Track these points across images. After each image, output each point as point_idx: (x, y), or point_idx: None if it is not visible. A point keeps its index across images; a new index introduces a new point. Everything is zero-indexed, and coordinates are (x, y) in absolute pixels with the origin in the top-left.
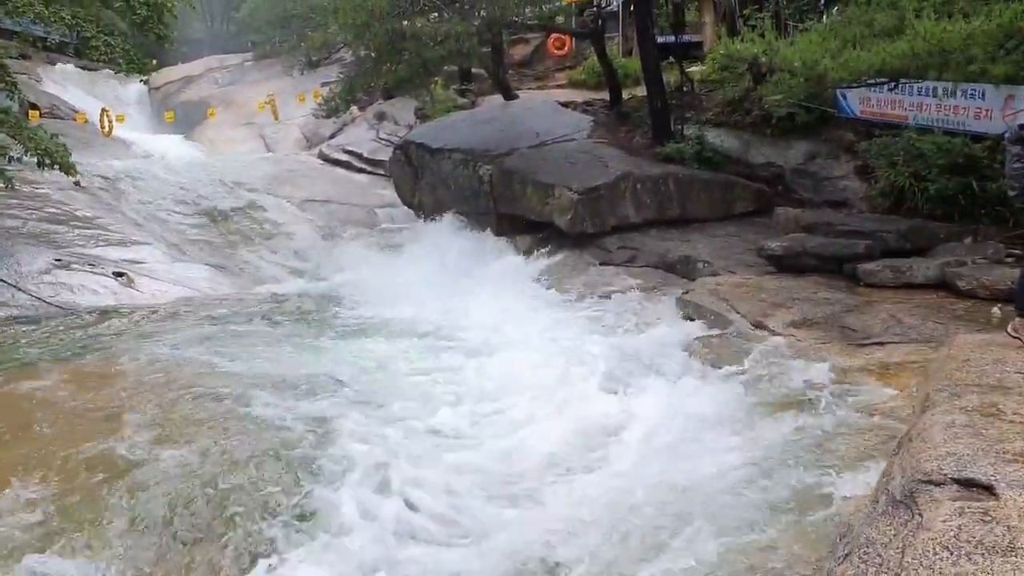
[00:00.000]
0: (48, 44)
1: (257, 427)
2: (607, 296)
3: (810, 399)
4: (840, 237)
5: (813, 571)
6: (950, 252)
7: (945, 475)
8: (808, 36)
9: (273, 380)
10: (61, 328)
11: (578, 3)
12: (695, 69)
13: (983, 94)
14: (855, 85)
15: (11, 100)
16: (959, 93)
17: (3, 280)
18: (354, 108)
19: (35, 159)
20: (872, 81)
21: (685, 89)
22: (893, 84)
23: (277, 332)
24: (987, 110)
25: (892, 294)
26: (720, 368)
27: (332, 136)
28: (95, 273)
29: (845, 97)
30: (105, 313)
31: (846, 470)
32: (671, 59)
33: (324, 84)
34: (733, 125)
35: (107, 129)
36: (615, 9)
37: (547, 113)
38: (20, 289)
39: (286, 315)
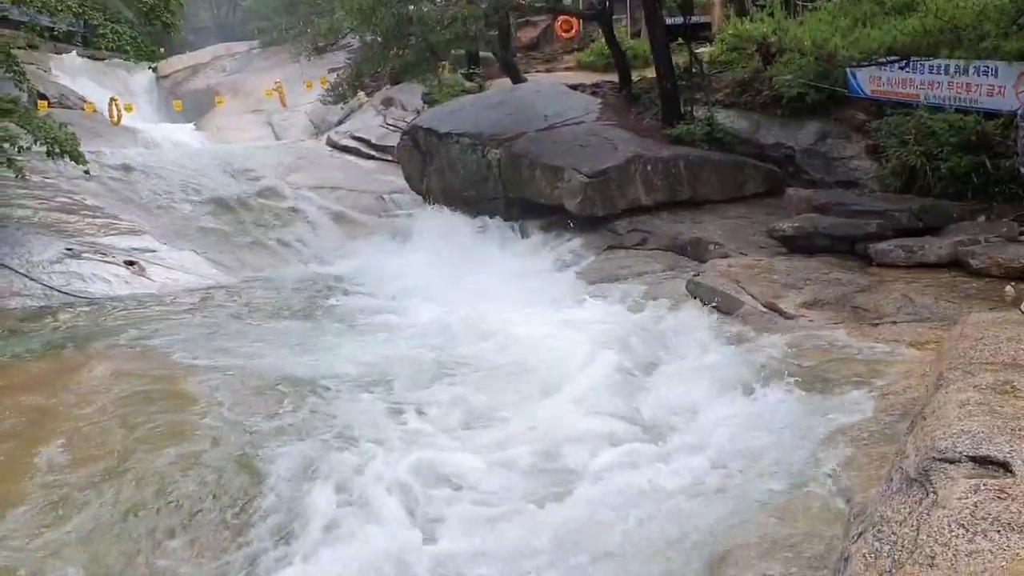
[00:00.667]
0: (55, 34)
1: (201, 445)
2: (618, 280)
3: (820, 378)
4: (851, 217)
5: (826, 548)
6: (963, 231)
7: (960, 453)
8: (818, 15)
9: (248, 385)
10: (65, 317)
11: None
12: (704, 50)
13: (996, 71)
14: (866, 64)
15: (20, 90)
16: (971, 70)
17: (15, 269)
18: (361, 94)
19: (44, 149)
20: (883, 60)
21: (694, 70)
22: (904, 62)
23: (275, 325)
24: (1000, 87)
25: (904, 273)
26: (733, 347)
27: (340, 122)
28: (106, 262)
29: (855, 76)
30: (114, 302)
31: (858, 448)
32: (680, 40)
33: (331, 70)
34: (743, 106)
35: (116, 118)
36: None
37: (555, 96)
38: (32, 278)
39: (288, 305)
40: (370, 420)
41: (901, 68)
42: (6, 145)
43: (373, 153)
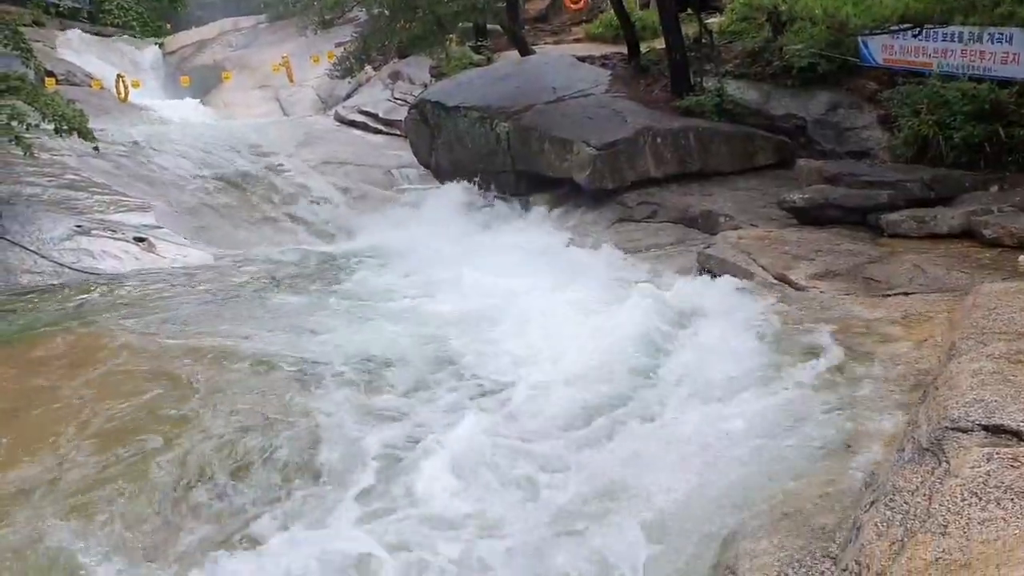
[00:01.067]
0: (61, 10)
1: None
2: (629, 253)
3: (832, 349)
4: (863, 188)
5: (838, 519)
6: (975, 201)
7: (973, 422)
8: None
9: (231, 370)
10: (75, 294)
11: None
12: (714, 20)
13: (1011, 38)
14: (878, 32)
15: (27, 67)
16: (986, 38)
17: (25, 247)
18: (368, 68)
19: (52, 126)
20: (896, 27)
21: (704, 41)
22: (917, 30)
23: (276, 304)
24: (1015, 55)
25: (916, 244)
26: (746, 319)
27: (347, 97)
28: (116, 239)
29: (867, 45)
30: (123, 279)
31: (871, 420)
32: (689, 10)
33: (338, 44)
34: (753, 76)
35: (123, 95)
36: None
37: (564, 68)
38: (42, 255)
39: (292, 284)
40: (330, 426)
41: (914, 36)
42: (14, 123)
43: (381, 127)
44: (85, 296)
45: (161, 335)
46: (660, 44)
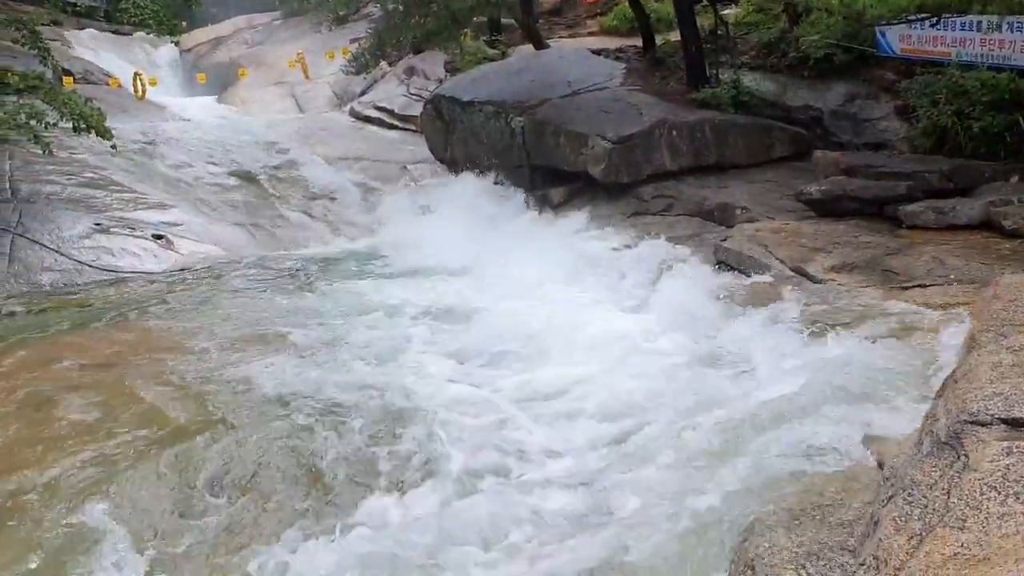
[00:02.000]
0: (78, 9)
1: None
2: (644, 240)
3: (850, 341)
4: (881, 179)
5: (855, 513)
6: (995, 191)
7: (992, 415)
8: None
9: (202, 389)
10: (94, 292)
11: None
12: (729, 11)
13: None
14: (895, 22)
15: (45, 66)
16: (1005, 26)
17: (45, 245)
18: (383, 64)
19: (71, 124)
20: (913, 17)
21: (720, 32)
22: (935, 19)
23: (285, 307)
24: None
25: (935, 235)
26: (761, 313)
27: (363, 93)
28: (135, 236)
29: (884, 35)
30: (143, 276)
31: (888, 412)
32: (705, 2)
33: (353, 40)
34: (769, 68)
35: (140, 93)
36: None
37: (579, 61)
38: (62, 253)
39: (306, 285)
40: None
41: (932, 25)
42: (33, 122)
43: (396, 123)
44: (105, 294)
45: (162, 338)
46: (675, 36)
